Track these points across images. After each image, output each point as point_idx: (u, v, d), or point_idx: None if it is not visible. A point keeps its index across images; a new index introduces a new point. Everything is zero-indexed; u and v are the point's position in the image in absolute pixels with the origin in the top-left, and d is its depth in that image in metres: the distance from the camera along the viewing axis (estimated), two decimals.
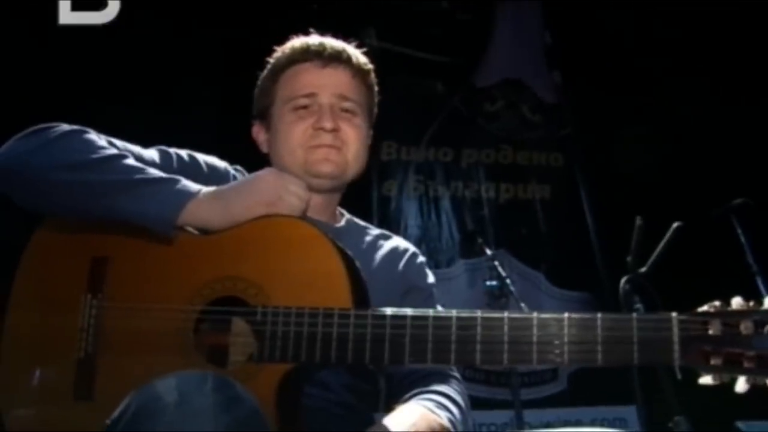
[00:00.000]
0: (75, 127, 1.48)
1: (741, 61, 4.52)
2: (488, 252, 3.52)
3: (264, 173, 1.49)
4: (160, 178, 1.41)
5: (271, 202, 1.42)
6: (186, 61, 3.88)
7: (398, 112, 4.44)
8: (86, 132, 1.48)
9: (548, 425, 4.23)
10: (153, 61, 3.76)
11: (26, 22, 3.33)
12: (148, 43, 3.74)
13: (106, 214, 1.40)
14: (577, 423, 4.27)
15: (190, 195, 1.40)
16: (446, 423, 1.48)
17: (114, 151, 1.46)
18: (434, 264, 4.54)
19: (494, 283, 3.34)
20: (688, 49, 4.60)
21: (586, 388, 4.36)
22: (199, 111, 3.80)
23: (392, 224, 4.51)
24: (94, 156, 1.42)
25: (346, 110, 1.65)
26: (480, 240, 3.67)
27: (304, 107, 1.63)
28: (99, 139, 1.48)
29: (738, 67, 4.52)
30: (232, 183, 1.51)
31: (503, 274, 3.33)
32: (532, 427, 3.97)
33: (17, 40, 3.42)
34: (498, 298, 3.32)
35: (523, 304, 3.15)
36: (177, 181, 1.42)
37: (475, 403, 4.06)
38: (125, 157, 1.45)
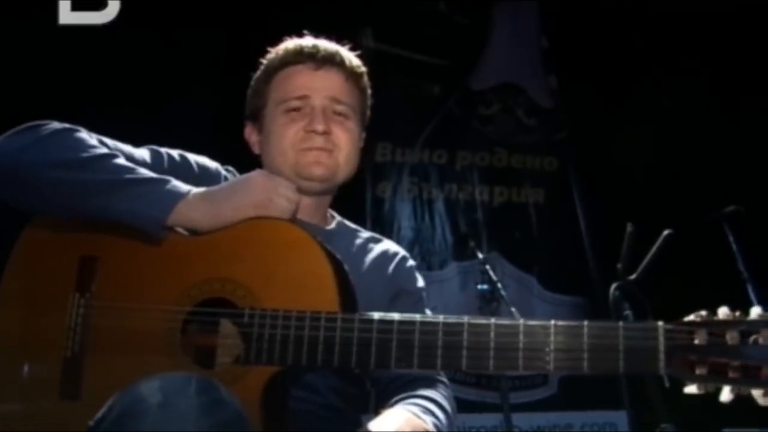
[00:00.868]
0: (66, 125, 1.47)
1: (736, 68, 4.53)
2: (480, 255, 3.53)
3: (254, 175, 1.48)
4: (150, 179, 1.41)
5: (261, 204, 1.41)
6: (185, 61, 3.87)
7: (394, 113, 4.44)
8: (77, 130, 1.47)
9: (538, 429, 4.24)
10: (152, 61, 3.75)
11: (26, 22, 3.32)
12: (148, 43, 3.73)
13: (97, 214, 1.40)
14: (567, 427, 4.28)
15: (179, 196, 1.39)
16: (431, 428, 1.47)
17: (105, 150, 1.45)
18: (427, 266, 4.55)
19: (485, 286, 3.34)
20: (683, 55, 4.61)
21: (577, 392, 4.37)
22: (198, 111, 3.80)
23: (386, 225, 4.52)
24: (86, 155, 1.41)
25: (339, 113, 1.64)
26: (472, 243, 3.68)
27: (297, 109, 1.62)
28: (90, 137, 1.47)
29: (733, 74, 4.53)
30: (223, 184, 1.50)
31: (494, 277, 3.34)
32: (522, 431, 3.98)
33: (17, 40, 3.41)
34: (489, 301, 3.32)
35: (513, 309, 3.15)
36: (167, 182, 1.41)
37: (465, 406, 4.10)
38: (116, 156, 1.44)
